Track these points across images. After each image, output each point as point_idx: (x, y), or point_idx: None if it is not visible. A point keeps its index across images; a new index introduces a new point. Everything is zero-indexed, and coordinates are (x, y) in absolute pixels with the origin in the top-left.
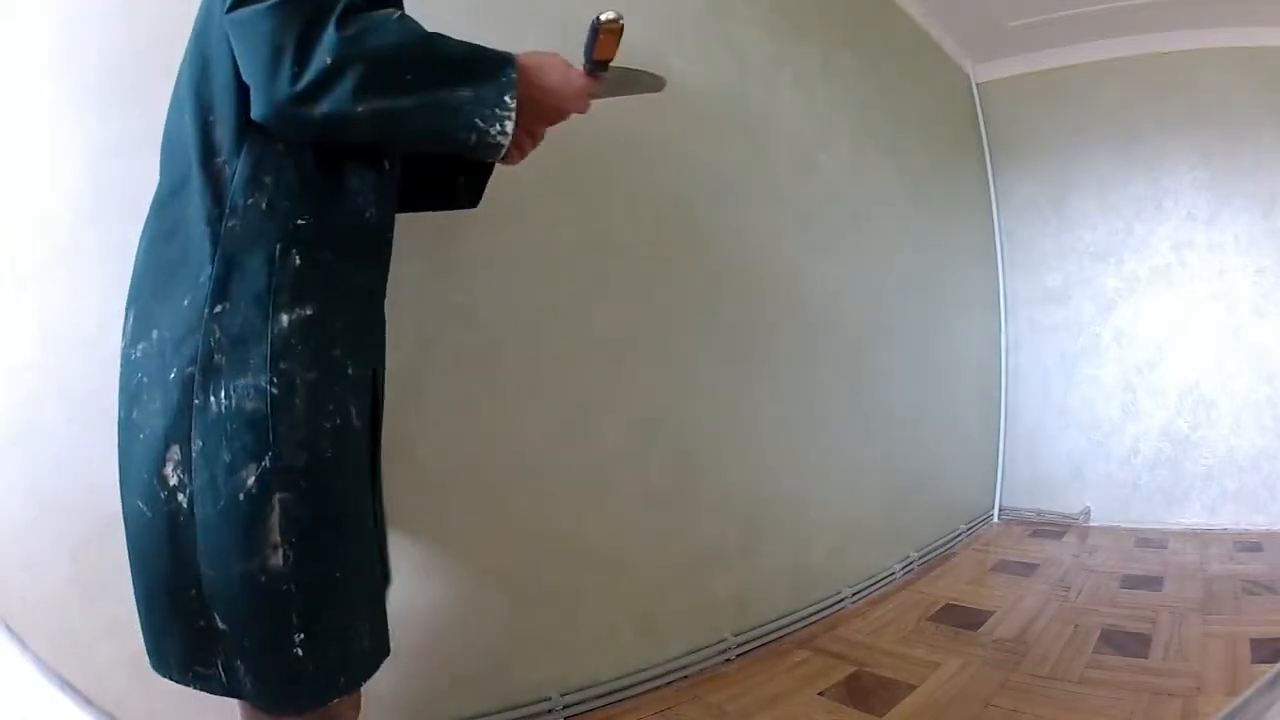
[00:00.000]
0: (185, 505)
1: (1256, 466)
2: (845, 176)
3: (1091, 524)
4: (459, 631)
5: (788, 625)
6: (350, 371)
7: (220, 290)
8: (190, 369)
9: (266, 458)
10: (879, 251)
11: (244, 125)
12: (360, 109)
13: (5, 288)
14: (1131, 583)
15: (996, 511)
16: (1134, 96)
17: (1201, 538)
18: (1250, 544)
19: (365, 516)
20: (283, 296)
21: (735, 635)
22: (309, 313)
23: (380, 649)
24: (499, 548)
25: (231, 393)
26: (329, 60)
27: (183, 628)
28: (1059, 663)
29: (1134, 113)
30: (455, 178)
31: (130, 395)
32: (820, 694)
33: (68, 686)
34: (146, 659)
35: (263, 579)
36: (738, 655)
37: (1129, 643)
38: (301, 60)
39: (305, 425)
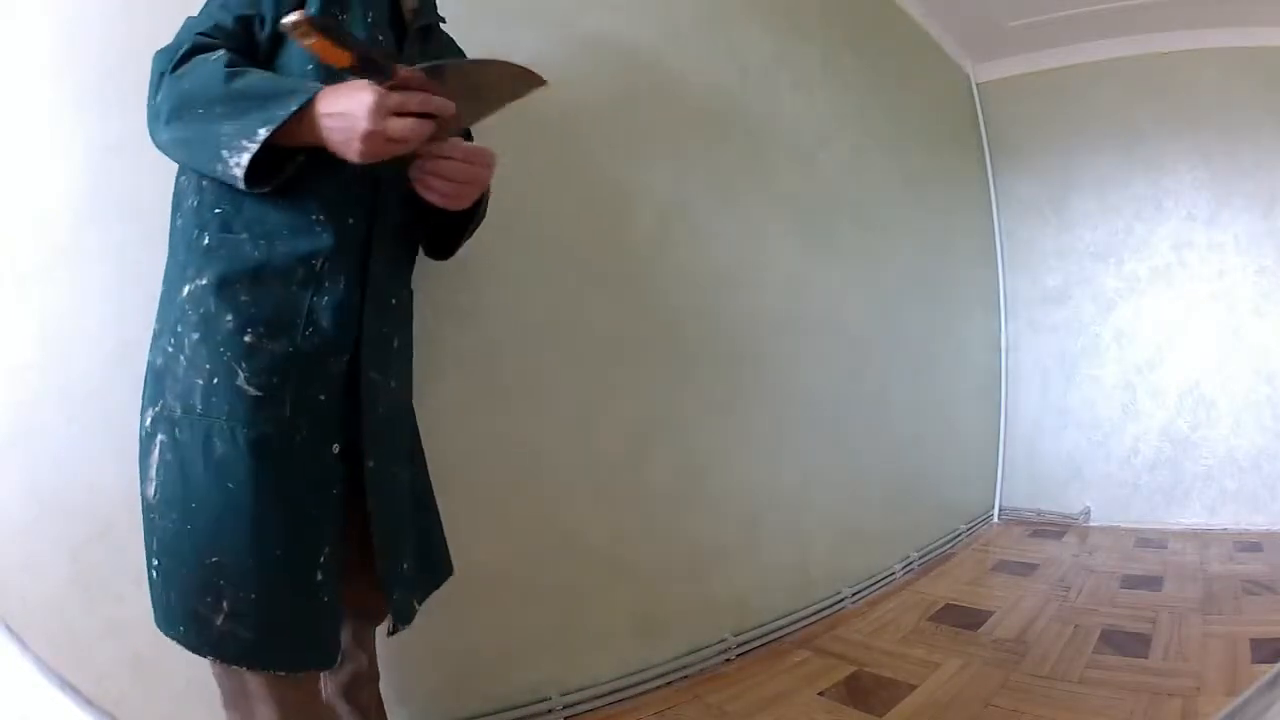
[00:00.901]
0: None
1: (1256, 466)
2: (845, 176)
3: (1091, 524)
4: (459, 631)
5: (788, 625)
6: (247, 339)
7: (165, 273)
8: (151, 334)
9: (159, 405)
10: (879, 251)
11: None
12: (165, 137)
13: (5, 288)
14: (1131, 583)
15: (996, 511)
16: (1134, 96)
17: (1201, 538)
18: (1250, 544)
19: (260, 488)
20: (189, 271)
21: (735, 635)
22: (203, 282)
23: (253, 646)
24: (499, 547)
25: (154, 351)
26: (157, 98)
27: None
28: (1059, 663)
29: (1134, 113)
30: (425, 228)
31: None
32: (820, 694)
33: (68, 686)
34: (147, 659)
35: (142, 503)
36: (738, 655)
37: (1129, 643)
38: (151, 97)
39: (183, 381)
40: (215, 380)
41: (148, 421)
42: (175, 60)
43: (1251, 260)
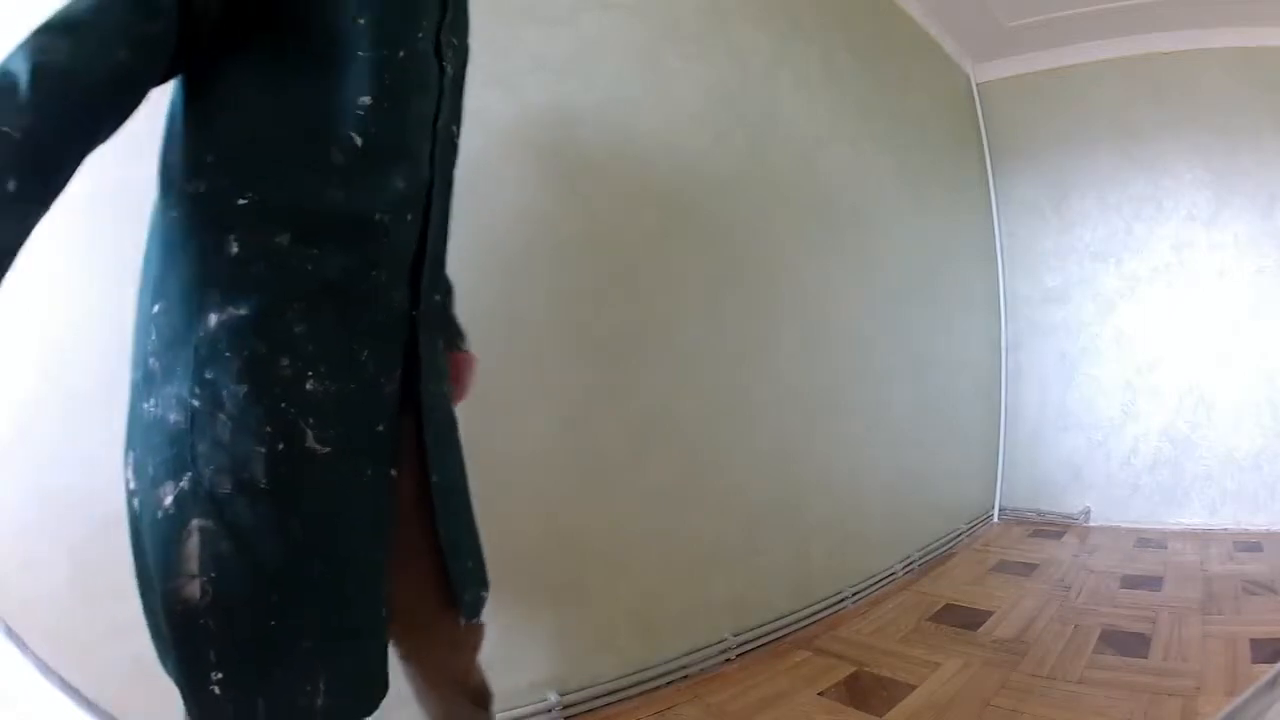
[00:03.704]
0: (137, 509)
1: (1256, 466)
2: (845, 176)
3: (1091, 524)
4: None
5: (788, 625)
6: (309, 387)
7: (159, 287)
8: (138, 373)
9: (185, 478)
10: (879, 251)
11: (189, 98)
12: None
13: (6, 287)
14: (1131, 583)
15: (996, 511)
16: (1134, 96)
17: (1201, 538)
18: (1250, 544)
19: (337, 558)
20: (212, 293)
21: (735, 635)
22: (242, 313)
23: (347, 710)
24: (499, 547)
25: (159, 401)
26: None
27: (149, 625)
28: (1059, 663)
29: (1134, 113)
30: None
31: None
32: (820, 694)
33: (68, 687)
34: (147, 659)
35: (179, 607)
36: (738, 655)
37: (1129, 643)
38: None
39: (231, 447)
40: (281, 446)
41: (166, 501)
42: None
43: (1251, 260)
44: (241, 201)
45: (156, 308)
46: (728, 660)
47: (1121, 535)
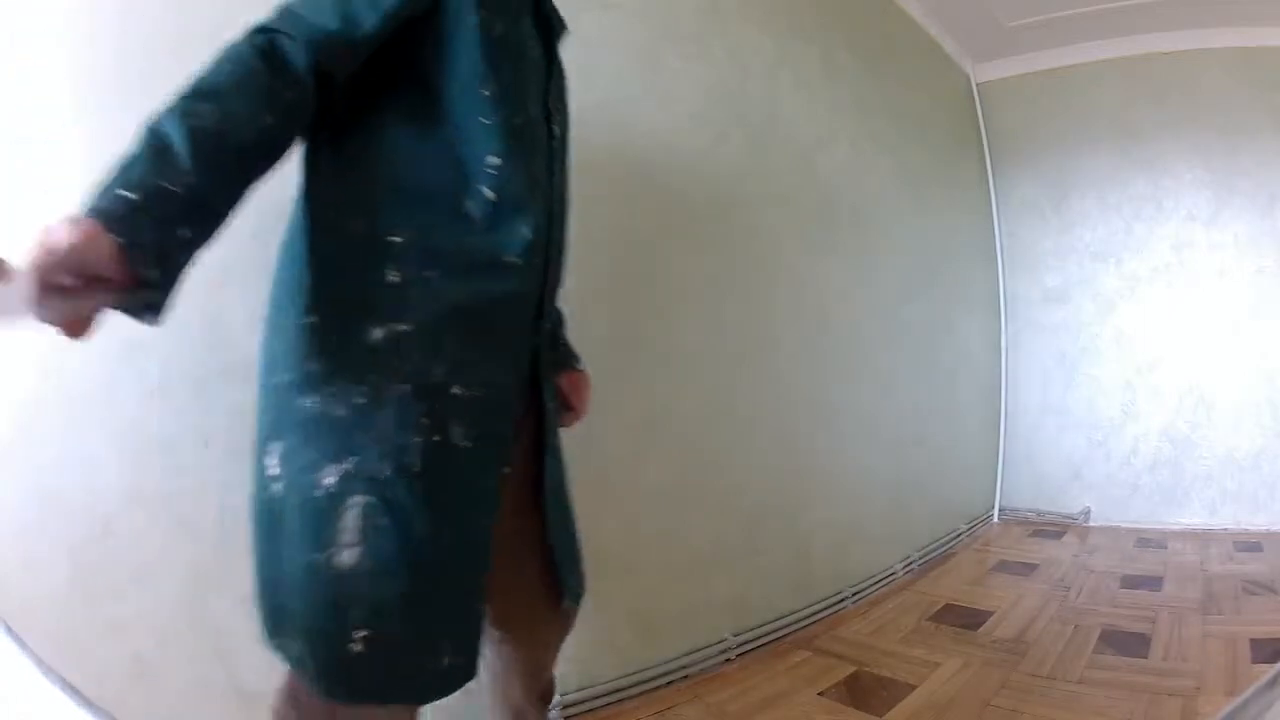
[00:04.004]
0: (280, 492)
1: (1256, 466)
2: (845, 176)
3: (1091, 524)
4: None
5: (788, 625)
6: (455, 392)
7: (312, 302)
8: (291, 374)
9: (349, 461)
10: (879, 251)
11: (336, 146)
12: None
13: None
14: (1131, 583)
15: (996, 511)
16: (1134, 96)
17: (1201, 538)
18: (1250, 544)
19: (466, 537)
20: (375, 312)
21: (735, 635)
22: (404, 328)
23: (462, 670)
24: None
25: (322, 399)
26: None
27: (266, 604)
28: (1059, 663)
29: (1134, 113)
30: None
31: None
32: (820, 694)
33: (68, 686)
34: (147, 658)
35: (328, 573)
36: (738, 655)
37: (1129, 643)
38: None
39: (393, 438)
40: (436, 439)
41: (328, 481)
42: (267, 43)
43: (1251, 260)
44: (396, 239)
45: (310, 320)
46: (728, 660)
47: (1121, 535)
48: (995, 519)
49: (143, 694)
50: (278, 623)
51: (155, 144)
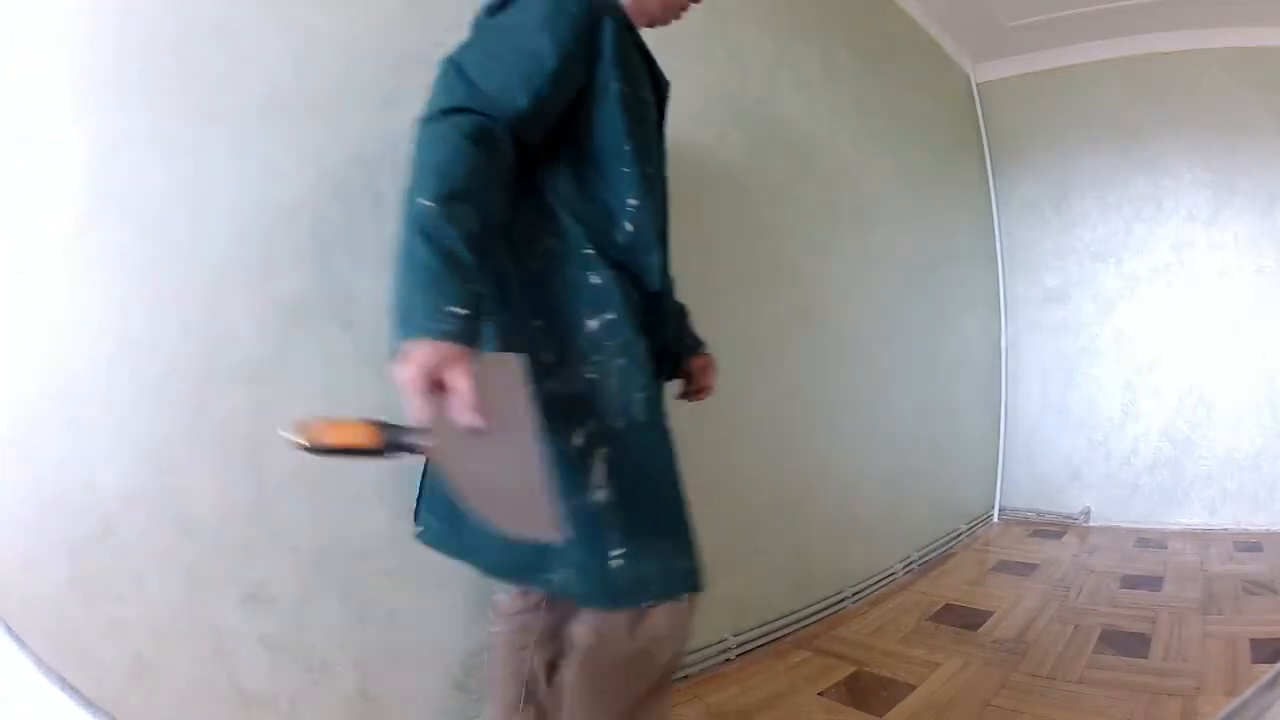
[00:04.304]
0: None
1: (1256, 466)
2: (845, 176)
3: (1091, 524)
4: (461, 633)
5: (788, 625)
6: (646, 362)
7: (535, 307)
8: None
9: (590, 423)
10: (879, 251)
11: (527, 187)
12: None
13: (5, 288)
14: (1131, 583)
15: (996, 511)
16: (1134, 96)
17: (1201, 538)
18: (1250, 544)
19: (674, 464)
20: (586, 308)
21: (735, 635)
22: (612, 316)
23: (696, 570)
24: None
25: (562, 380)
26: (444, 127)
27: (533, 547)
28: (1059, 663)
29: (1134, 113)
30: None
31: None
32: (820, 694)
33: (68, 686)
34: (147, 658)
35: (587, 512)
36: (738, 655)
37: (1129, 643)
38: (439, 115)
39: (619, 398)
40: (648, 393)
41: (578, 441)
42: (477, 129)
43: (1251, 260)
44: (588, 252)
45: (538, 323)
46: (728, 660)
47: (1121, 535)
48: (995, 519)
49: (143, 694)
50: (535, 559)
51: (448, 258)
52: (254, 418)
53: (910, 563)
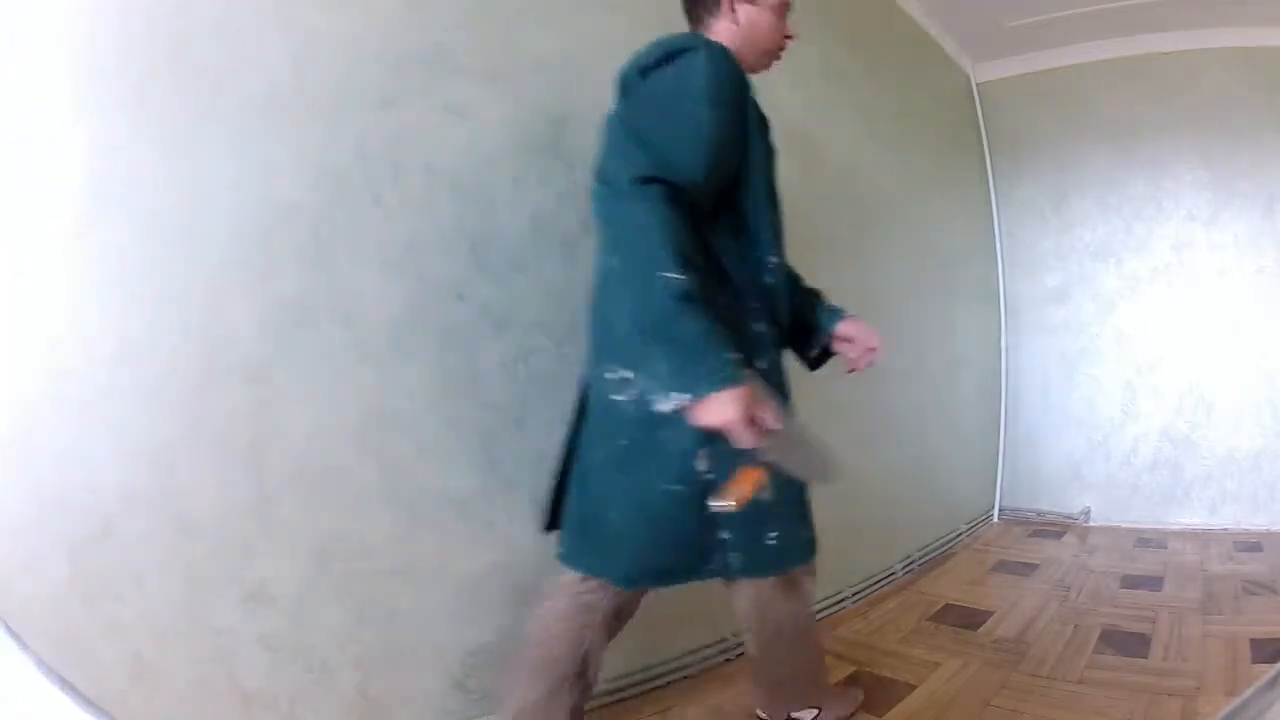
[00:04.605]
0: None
1: (1256, 467)
2: (845, 176)
3: (1091, 524)
4: (460, 633)
5: None
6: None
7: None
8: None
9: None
10: (879, 251)
11: (712, 228)
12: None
13: (5, 288)
14: (1131, 583)
15: (996, 511)
16: (1134, 96)
17: (1201, 538)
18: (1250, 544)
19: None
20: (755, 351)
21: (735, 635)
22: (761, 329)
23: (814, 540)
24: (500, 548)
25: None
26: (638, 216)
27: (698, 548)
28: (1059, 663)
29: (1134, 113)
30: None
31: None
32: None
33: (68, 686)
34: (147, 658)
35: (753, 510)
36: (738, 655)
37: (1129, 643)
38: (632, 197)
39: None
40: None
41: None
42: (675, 199)
43: (1251, 260)
44: (754, 305)
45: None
46: (727, 660)
47: (1121, 535)
48: (995, 519)
49: (143, 694)
50: (706, 552)
51: (700, 316)
52: (254, 418)
53: (910, 562)
